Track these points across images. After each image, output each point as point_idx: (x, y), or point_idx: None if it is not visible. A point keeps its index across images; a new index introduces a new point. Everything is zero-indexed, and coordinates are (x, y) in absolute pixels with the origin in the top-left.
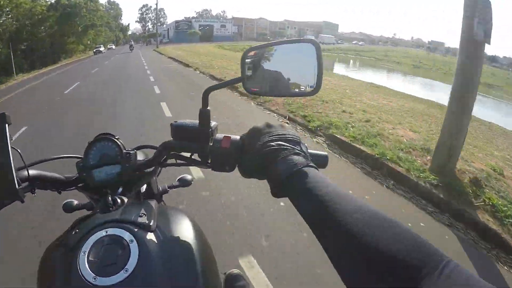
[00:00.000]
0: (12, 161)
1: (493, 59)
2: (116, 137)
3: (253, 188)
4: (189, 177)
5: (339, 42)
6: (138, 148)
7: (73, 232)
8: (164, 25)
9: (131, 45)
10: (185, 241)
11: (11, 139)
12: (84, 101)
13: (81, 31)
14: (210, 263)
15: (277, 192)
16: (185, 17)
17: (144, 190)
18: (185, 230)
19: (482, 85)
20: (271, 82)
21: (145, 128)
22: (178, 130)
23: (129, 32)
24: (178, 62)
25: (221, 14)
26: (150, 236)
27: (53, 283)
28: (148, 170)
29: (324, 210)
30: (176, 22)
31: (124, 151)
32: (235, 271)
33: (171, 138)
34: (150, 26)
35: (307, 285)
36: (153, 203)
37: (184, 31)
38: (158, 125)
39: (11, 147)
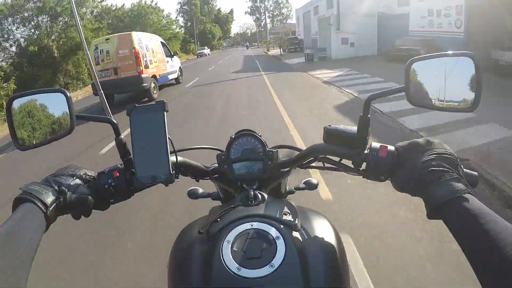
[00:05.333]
0: (168, 148)
1: None
2: (259, 134)
3: None
4: (314, 181)
5: None
6: (279, 147)
7: (214, 220)
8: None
9: (247, 46)
10: (327, 244)
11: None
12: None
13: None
14: (347, 268)
15: (432, 214)
16: None
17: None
18: (326, 233)
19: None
20: (430, 95)
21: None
22: (331, 134)
23: (234, 30)
24: None
25: None
26: (296, 234)
27: (191, 266)
28: (285, 169)
29: (488, 241)
30: None
31: (268, 148)
32: None
33: (322, 142)
34: (268, 20)
35: None
36: (292, 202)
37: None
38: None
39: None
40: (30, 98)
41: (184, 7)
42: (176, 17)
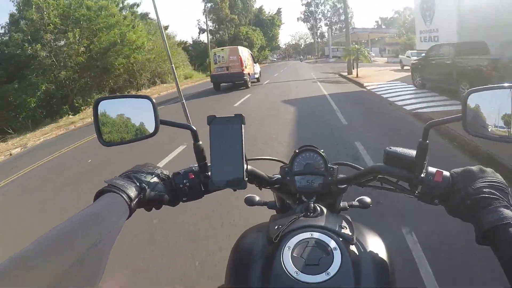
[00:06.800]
0: (244, 156)
1: None
2: (321, 151)
3: None
4: (368, 199)
5: None
6: (340, 164)
7: (276, 227)
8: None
9: (300, 59)
10: (380, 259)
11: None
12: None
13: None
14: (395, 284)
15: (481, 240)
16: None
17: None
18: (380, 249)
19: None
20: (487, 125)
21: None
22: (391, 156)
23: (283, 39)
24: None
25: None
26: (352, 248)
27: (252, 266)
28: (342, 186)
29: None
30: None
31: (329, 165)
32: None
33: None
34: (324, 29)
35: None
36: (349, 217)
37: None
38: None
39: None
40: (116, 101)
41: (209, 4)
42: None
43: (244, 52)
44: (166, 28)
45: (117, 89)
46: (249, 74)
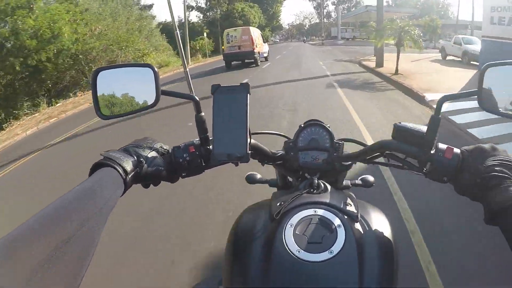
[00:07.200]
0: (248, 128)
1: None
2: (328, 126)
3: None
4: (371, 178)
5: None
6: (346, 140)
7: (278, 203)
8: None
9: (304, 40)
10: (384, 238)
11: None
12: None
13: None
14: (398, 263)
15: (490, 219)
16: None
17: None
18: (384, 227)
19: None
20: (503, 102)
21: None
22: (401, 131)
23: (286, 18)
24: None
25: None
26: (356, 225)
27: (253, 244)
28: (347, 163)
29: None
30: None
31: (335, 140)
32: None
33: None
34: (331, 8)
35: None
36: (353, 194)
37: None
38: None
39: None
40: (116, 71)
41: None
42: None
43: (255, 32)
44: (150, 7)
45: (61, 90)
46: (259, 52)
